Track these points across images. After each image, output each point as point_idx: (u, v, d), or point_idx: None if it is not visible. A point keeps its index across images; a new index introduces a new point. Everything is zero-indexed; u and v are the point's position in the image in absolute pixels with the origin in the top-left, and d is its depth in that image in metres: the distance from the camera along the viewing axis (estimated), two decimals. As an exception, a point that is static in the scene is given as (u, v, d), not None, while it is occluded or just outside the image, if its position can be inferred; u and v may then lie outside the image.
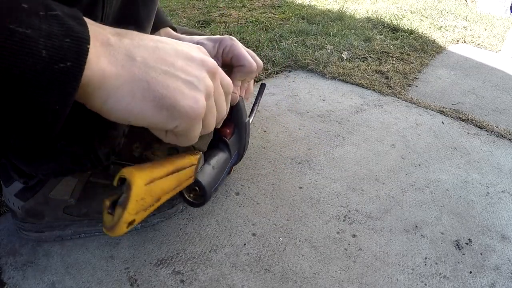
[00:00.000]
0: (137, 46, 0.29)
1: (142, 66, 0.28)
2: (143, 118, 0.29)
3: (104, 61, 0.26)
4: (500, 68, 1.31)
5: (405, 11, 1.86)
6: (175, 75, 0.30)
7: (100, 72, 0.26)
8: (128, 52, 0.28)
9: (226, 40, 0.52)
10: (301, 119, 0.88)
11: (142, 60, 0.28)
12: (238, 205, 0.62)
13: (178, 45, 0.32)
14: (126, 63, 0.27)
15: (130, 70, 0.27)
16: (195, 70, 0.31)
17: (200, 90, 0.31)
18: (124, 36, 0.28)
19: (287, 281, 0.51)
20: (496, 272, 0.55)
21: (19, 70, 0.21)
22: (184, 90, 0.30)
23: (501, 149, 0.84)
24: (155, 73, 0.29)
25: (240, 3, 1.76)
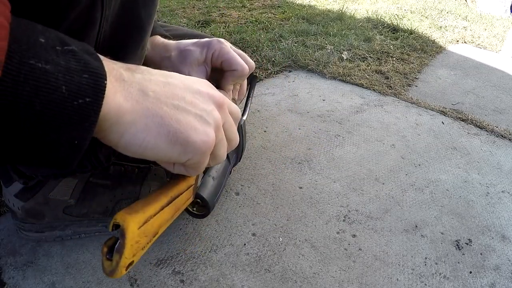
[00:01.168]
0: (149, 81, 0.29)
1: (155, 101, 0.28)
2: (158, 152, 0.29)
3: (119, 96, 0.26)
4: (500, 68, 1.31)
5: (405, 11, 1.86)
6: (186, 110, 0.30)
7: (116, 108, 0.26)
8: (141, 87, 0.28)
9: (214, 44, 0.51)
10: (301, 119, 0.88)
11: (154, 95, 0.29)
12: (238, 205, 0.62)
13: (186, 80, 0.32)
14: (140, 98, 0.28)
15: (144, 105, 0.28)
16: (204, 104, 0.32)
17: (209, 123, 0.32)
18: (135, 71, 0.29)
19: (287, 281, 0.51)
20: (496, 272, 0.55)
21: (41, 106, 0.21)
22: (195, 124, 0.30)
23: (501, 149, 0.84)
24: (167, 107, 0.29)
25: (240, 3, 1.76)
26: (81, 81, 0.23)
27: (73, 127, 0.23)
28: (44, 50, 0.22)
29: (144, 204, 0.35)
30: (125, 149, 0.28)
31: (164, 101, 0.29)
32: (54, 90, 0.22)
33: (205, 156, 0.32)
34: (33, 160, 0.24)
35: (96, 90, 0.24)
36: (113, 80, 0.26)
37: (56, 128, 0.23)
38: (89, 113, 0.24)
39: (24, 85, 0.21)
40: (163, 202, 0.37)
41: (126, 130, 0.27)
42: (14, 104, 0.20)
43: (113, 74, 0.26)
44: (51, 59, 0.22)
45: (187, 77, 0.33)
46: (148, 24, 0.39)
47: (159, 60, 0.53)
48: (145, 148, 0.28)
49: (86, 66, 0.24)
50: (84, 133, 0.24)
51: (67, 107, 0.22)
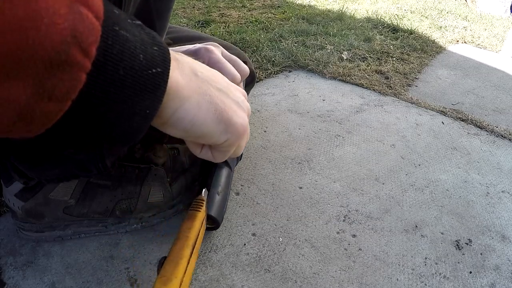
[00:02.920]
0: (196, 63, 0.31)
1: (204, 81, 0.31)
2: (204, 129, 0.31)
3: (177, 73, 0.28)
4: (500, 68, 1.31)
5: (405, 11, 1.86)
6: (227, 94, 0.33)
7: (175, 83, 0.27)
8: (191, 68, 0.30)
9: (201, 53, 0.49)
10: (301, 119, 0.88)
11: (203, 76, 0.31)
12: (238, 205, 0.62)
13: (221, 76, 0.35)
14: (192, 77, 0.30)
15: (196, 84, 0.30)
16: (237, 92, 0.35)
17: (244, 110, 0.35)
18: (182, 54, 0.31)
19: (287, 281, 0.51)
20: (496, 272, 0.55)
21: (124, 71, 0.22)
22: (235, 108, 0.33)
23: (501, 149, 0.84)
24: (213, 89, 0.31)
25: (240, 3, 1.76)
26: (153, 52, 0.24)
27: (147, 95, 0.24)
28: (122, 20, 0.23)
29: (172, 266, 0.36)
30: (175, 125, 0.29)
31: (211, 83, 0.31)
32: (135, 58, 0.23)
33: (241, 139, 0.34)
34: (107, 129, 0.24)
35: (165, 62, 0.25)
36: (172, 59, 0.27)
37: (133, 95, 0.23)
38: (160, 83, 0.25)
39: (112, 48, 0.21)
40: (187, 254, 0.39)
41: (180, 105, 0.28)
42: (104, 66, 0.21)
43: (172, 55, 0.28)
44: (128, 28, 0.23)
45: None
46: (162, 34, 0.40)
47: None
48: (194, 123, 0.30)
49: (154, 39, 0.25)
50: (155, 103, 0.25)
51: (144, 75, 0.23)
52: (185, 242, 0.40)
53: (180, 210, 0.59)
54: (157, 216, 0.56)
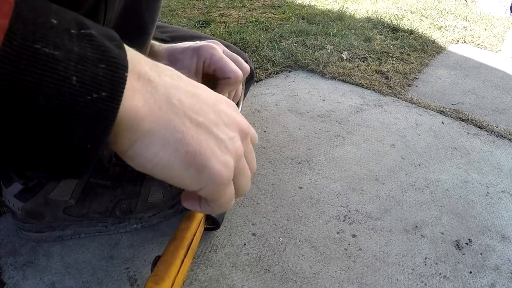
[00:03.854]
0: (176, 87, 0.25)
1: (179, 112, 0.24)
2: (169, 172, 0.25)
3: (140, 98, 0.22)
4: (500, 68, 1.31)
5: (405, 11, 1.86)
6: (209, 130, 0.26)
7: (133, 111, 0.22)
8: (167, 93, 0.24)
9: (204, 50, 0.48)
10: (301, 119, 0.88)
11: (180, 105, 0.25)
12: (238, 205, 0.62)
13: (213, 96, 0.29)
14: (164, 105, 0.24)
15: (166, 115, 0.24)
16: (227, 128, 0.28)
17: (230, 152, 0.28)
18: (163, 72, 0.25)
19: (287, 281, 0.51)
20: (496, 272, 0.55)
21: (45, 99, 0.18)
22: (216, 150, 0.26)
23: (501, 149, 0.84)
24: (190, 123, 0.25)
25: (240, 3, 1.76)
26: (97, 71, 0.19)
27: (85, 127, 0.20)
28: (54, 33, 0.19)
29: (166, 266, 0.36)
30: (132, 160, 0.24)
31: (189, 115, 0.25)
32: (62, 81, 0.18)
33: (222, 187, 0.27)
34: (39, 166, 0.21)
35: (114, 84, 0.20)
36: (136, 77, 0.22)
37: (64, 128, 0.19)
38: (105, 111, 0.20)
39: (25, 73, 0.17)
40: (182, 254, 0.38)
41: (139, 139, 0.23)
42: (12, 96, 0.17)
43: (137, 70, 0.23)
44: (62, 44, 0.19)
45: (214, 93, 0.29)
46: (151, 27, 0.39)
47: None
48: (156, 164, 0.24)
49: (104, 54, 0.20)
50: (99, 135, 0.20)
51: (78, 102, 0.19)
52: (181, 242, 0.40)
53: (180, 210, 0.59)
54: (157, 216, 0.56)
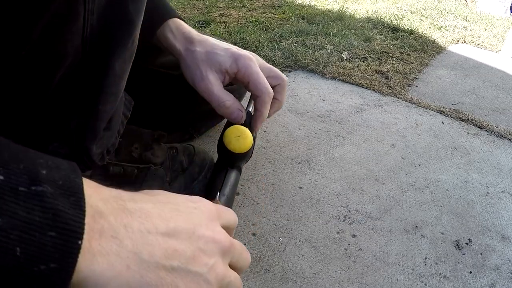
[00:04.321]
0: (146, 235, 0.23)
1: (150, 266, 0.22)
2: None
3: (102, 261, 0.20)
4: (500, 68, 1.31)
5: (405, 11, 1.86)
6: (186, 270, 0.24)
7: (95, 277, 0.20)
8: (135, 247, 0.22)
9: (243, 59, 0.49)
10: (301, 119, 0.88)
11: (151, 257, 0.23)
12: (238, 205, 0.62)
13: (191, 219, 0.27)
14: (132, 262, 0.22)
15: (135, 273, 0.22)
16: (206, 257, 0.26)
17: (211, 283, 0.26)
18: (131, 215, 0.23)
19: (287, 281, 0.51)
20: (496, 272, 0.55)
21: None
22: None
23: (501, 149, 0.84)
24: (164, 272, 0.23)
25: (240, 3, 1.76)
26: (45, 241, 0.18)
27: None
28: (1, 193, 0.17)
29: None
30: None
31: (162, 264, 0.23)
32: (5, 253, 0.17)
33: None
34: None
35: (65, 254, 0.18)
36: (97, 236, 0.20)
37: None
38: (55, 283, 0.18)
39: None
40: None
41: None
42: None
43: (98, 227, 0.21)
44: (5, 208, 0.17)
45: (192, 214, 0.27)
46: (137, 18, 0.38)
47: (181, 51, 0.51)
48: None
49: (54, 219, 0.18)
50: None
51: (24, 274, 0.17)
52: None
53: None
54: (157, 216, 0.56)
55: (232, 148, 0.47)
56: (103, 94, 0.37)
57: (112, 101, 0.39)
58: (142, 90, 0.52)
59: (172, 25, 0.52)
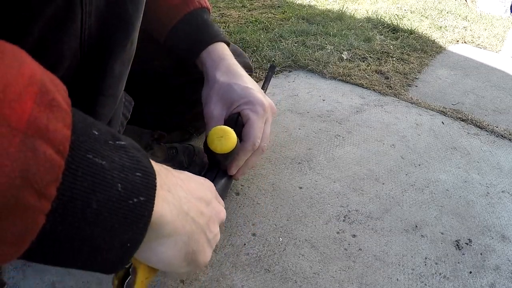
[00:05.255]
0: (186, 196, 0.29)
1: (188, 219, 0.29)
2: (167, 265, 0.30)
3: (164, 207, 0.26)
4: (500, 68, 1.31)
5: (405, 11, 1.86)
6: (203, 231, 0.32)
7: (159, 217, 0.25)
8: (181, 203, 0.28)
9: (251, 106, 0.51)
10: (301, 119, 0.88)
11: (189, 211, 0.29)
12: (238, 205, 0.62)
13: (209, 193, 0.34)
14: (180, 214, 0.28)
15: (181, 223, 0.28)
16: (214, 225, 0.34)
17: (212, 246, 0.34)
18: (175, 181, 0.29)
19: (287, 281, 0.51)
20: (496, 272, 0.55)
21: (98, 204, 0.20)
22: (205, 247, 0.33)
23: (501, 149, 0.84)
24: (194, 225, 0.30)
25: (240, 3, 1.76)
26: (135, 179, 0.22)
27: (127, 227, 0.22)
28: (99, 144, 0.21)
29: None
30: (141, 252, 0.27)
31: (194, 220, 0.30)
32: (110, 188, 0.21)
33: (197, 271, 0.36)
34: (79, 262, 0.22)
35: (149, 189, 0.23)
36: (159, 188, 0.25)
37: (110, 229, 0.21)
38: (143, 213, 0.23)
39: (82, 180, 0.19)
40: None
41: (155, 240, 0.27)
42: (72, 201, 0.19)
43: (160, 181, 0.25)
44: (106, 154, 0.21)
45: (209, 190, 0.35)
46: (136, 18, 0.38)
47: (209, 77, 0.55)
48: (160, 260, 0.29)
49: (138, 163, 0.23)
50: (138, 235, 0.23)
51: (123, 206, 0.21)
52: None
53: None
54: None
55: (214, 148, 0.48)
56: (101, 97, 0.37)
57: (111, 103, 0.39)
58: (142, 90, 0.53)
59: (211, 50, 0.56)
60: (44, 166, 0.17)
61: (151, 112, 0.63)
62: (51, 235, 0.19)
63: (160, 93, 0.65)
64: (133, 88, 0.45)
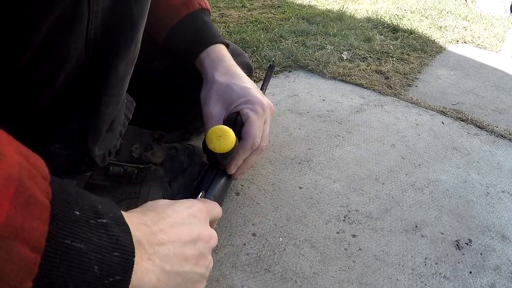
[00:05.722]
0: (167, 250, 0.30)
1: (172, 275, 0.30)
2: None
3: (144, 277, 0.27)
4: (500, 68, 1.31)
5: (405, 11, 1.86)
6: (194, 273, 0.33)
7: (140, 283, 0.27)
8: (162, 264, 0.29)
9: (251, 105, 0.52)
10: (301, 119, 0.88)
11: (171, 269, 0.30)
12: (238, 205, 0.62)
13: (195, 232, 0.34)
14: (160, 277, 0.29)
15: (163, 283, 0.29)
16: (205, 258, 0.35)
17: (206, 276, 0.35)
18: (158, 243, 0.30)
19: (287, 281, 0.51)
20: (496, 272, 0.55)
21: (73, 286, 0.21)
22: (197, 284, 0.34)
23: (501, 149, 0.84)
24: (180, 278, 0.31)
25: (240, 3, 1.76)
26: (112, 259, 0.23)
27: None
28: (79, 226, 0.22)
29: None
30: None
31: (178, 271, 0.31)
32: (87, 270, 0.22)
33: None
34: None
35: (126, 268, 0.24)
36: (139, 260, 0.27)
37: None
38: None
39: (59, 266, 0.20)
40: None
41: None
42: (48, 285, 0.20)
43: (140, 253, 0.27)
44: (85, 236, 0.22)
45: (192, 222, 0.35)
46: (140, 19, 0.38)
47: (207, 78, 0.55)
48: None
49: (117, 243, 0.24)
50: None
51: (99, 286, 0.23)
52: None
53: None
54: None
55: (213, 148, 0.47)
56: (105, 97, 0.37)
57: (114, 103, 0.39)
58: (142, 90, 0.53)
59: (211, 51, 0.56)
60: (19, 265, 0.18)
61: (151, 112, 0.63)
62: None
63: (161, 92, 0.65)
64: (133, 87, 0.45)
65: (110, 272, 0.23)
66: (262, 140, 0.53)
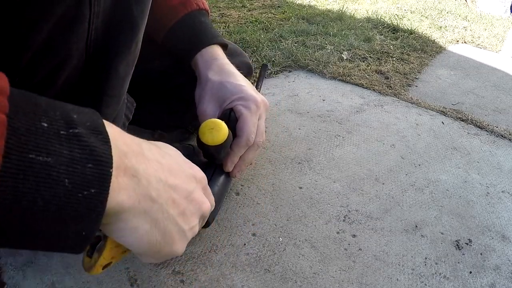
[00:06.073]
0: (157, 180, 0.29)
1: (155, 206, 0.29)
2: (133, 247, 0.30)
3: (124, 194, 0.26)
4: (500, 68, 1.31)
5: (405, 11, 1.86)
6: (175, 221, 0.31)
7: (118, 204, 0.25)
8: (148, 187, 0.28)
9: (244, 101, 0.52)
10: (301, 119, 0.88)
11: (157, 197, 0.29)
12: (238, 205, 0.62)
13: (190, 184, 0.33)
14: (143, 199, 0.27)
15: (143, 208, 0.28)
16: (192, 217, 0.34)
17: (187, 239, 0.34)
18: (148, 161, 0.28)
19: (287, 281, 0.51)
20: (496, 272, 0.55)
21: (43, 201, 0.20)
22: (177, 239, 0.32)
23: (501, 149, 0.84)
24: (162, 215, 0.30)
25: (240, 3, 1.76)
26: (85, 171, 0.22)
27: (79, 219, 0.22)
28: (46, 139, 0.21)
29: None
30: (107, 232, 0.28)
31: (163, 208, 0.30)
32: (56, 184, 0.21)
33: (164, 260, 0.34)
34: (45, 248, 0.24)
35: (102, 180, 0.23)
36: (122, 173, 0.25)
37: (61, 221, 0.22)
38: (96, 204, 0.23)
39: (24, 182, 0.20)
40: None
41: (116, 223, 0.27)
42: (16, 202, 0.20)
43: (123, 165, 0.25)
44: (53, 149, 0.21)
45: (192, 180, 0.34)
46: (141, 20, 0.39)
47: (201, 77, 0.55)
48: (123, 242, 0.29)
49: (91, 153, 0.22)
50: (92, 224, 0.23)
51: (72, 200, 0.22)
52: None
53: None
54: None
55: (206, 140, 0.47)
56: (106, 97, 0.37)
57: (115, 103, 0.39)
58: (142, 90, 0.53)
59: (204, 52, 0.57)
60: None
61: (151, 112, 0.63)
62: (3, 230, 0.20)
63: (160, 92, 0.65)
64: (133, 87, 0.45)
65: (83, 185, 0.22)
66: (257, 136, 0.53)
